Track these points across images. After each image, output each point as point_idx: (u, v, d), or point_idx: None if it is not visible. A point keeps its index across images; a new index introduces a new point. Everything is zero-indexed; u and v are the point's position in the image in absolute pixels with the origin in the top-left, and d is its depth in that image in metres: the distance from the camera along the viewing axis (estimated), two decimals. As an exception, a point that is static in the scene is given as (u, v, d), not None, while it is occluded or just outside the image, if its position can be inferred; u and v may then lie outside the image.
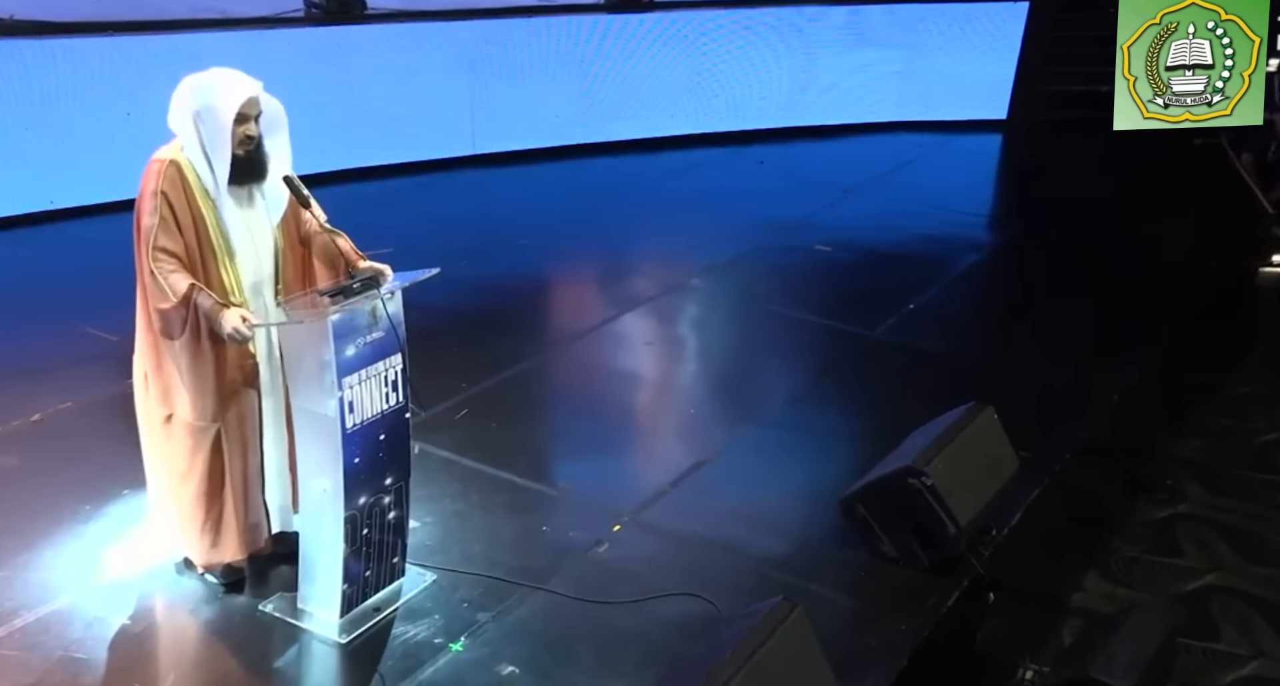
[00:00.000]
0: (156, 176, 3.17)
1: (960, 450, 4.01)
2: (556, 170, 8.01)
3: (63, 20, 6.44)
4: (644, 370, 5.32)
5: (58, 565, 3.62)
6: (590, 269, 6.40)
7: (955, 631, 3.91)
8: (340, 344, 3.14)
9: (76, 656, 3.24)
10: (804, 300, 6.11)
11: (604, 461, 4.45)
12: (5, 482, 4.02)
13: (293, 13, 7.29)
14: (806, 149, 8.86)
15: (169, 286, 3.11)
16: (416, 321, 5.31)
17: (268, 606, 3.48)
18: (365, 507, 3.34)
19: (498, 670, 3.33)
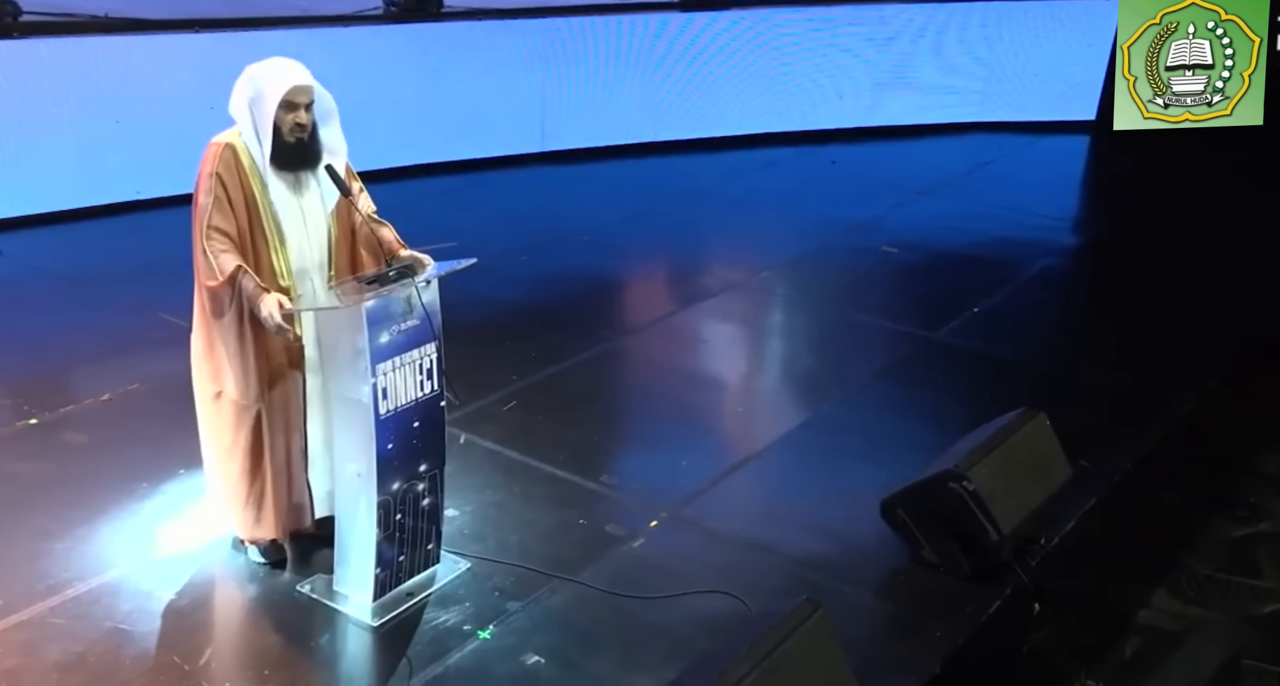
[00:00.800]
0: (213, 159, 3.29)
1: (1007, 455, 3.92)
2: (625, 168, 8.04)
3: (154, 18, 6.70)
4: (694, 367, 5.31)
5: (113, 539, 3.76)
6: (649, 266, 6.42)
7: (997, 640, 3.82)
8: (374, 331, 3.20)
9: (123, 628, 3.37)
10: (865, 301, 6.03)
11: (646, 457, 4.45)
12: (72, 458, 4.20)
13: (372, 10, 7.46)
14: (882, 149, 8.74)
15: (217, 265, 3.22)
16: (471, 314, 5.48)
17: (305, 587, 3.57)
18: (399, 493, 3.40)
19: (523, 659, 3.36)
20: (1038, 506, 3.95)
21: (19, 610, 3.41)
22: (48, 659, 3.23)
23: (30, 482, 4.01)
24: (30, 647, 3.27)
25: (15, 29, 6.38)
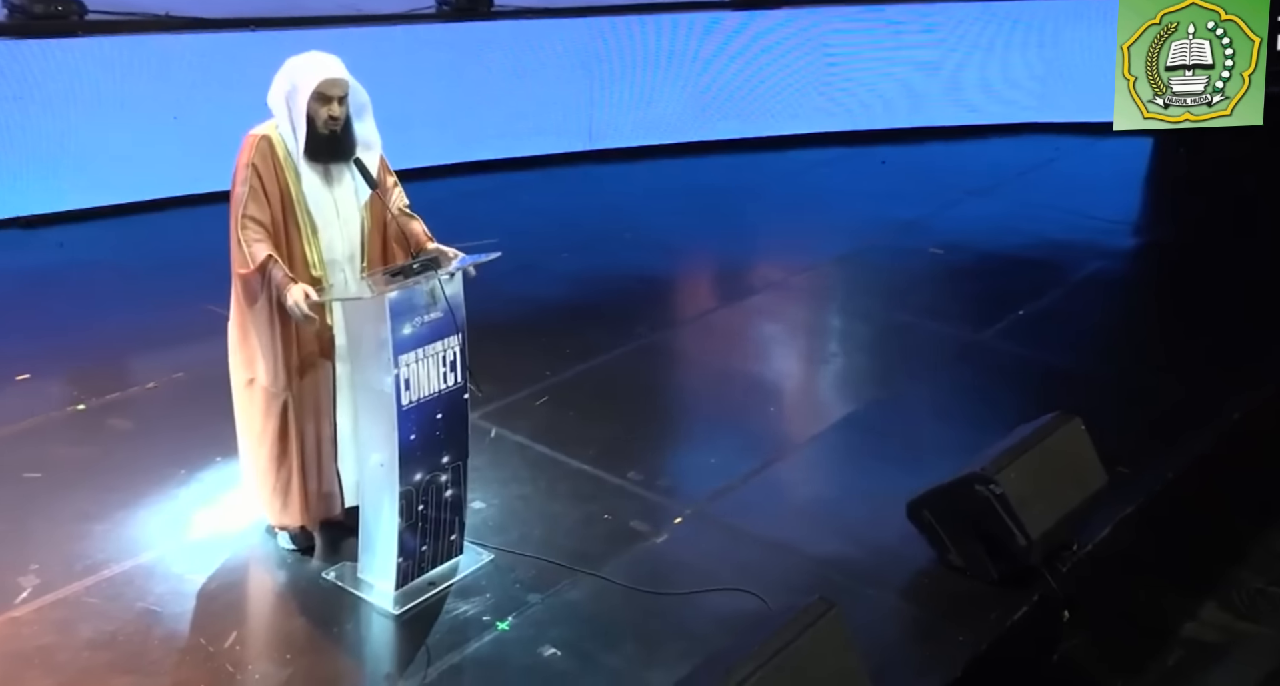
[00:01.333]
0: (250, 149, 3.37)
1: (1038, 459, 3.85)
2: (672, 167, 8.04)
3: (212, 16, 6.85)
4: (729, 366, 5.28)
5: (150, 522, 3.87)
6: (690, 265, 6.41)
7: (1024, 647, 3.75)
8: (397, 322, 3.25)
9: (154, 609, 3.46)
10: (909, 302, 5.97)
11: (675, 454, 4.46)
12: (116, 443, 4.33)
13: (425, 9, 7.56)
14: (935, 150, 8.62)
15: (250, 254, 3.30)
16: (508, 310, 5.54)
17: (331, 574, 3.63)
18: (421, 484, 3.45)
19: (540, 651, 3.39)
20: (1069, 512, 3.88)
21: (56, 588, 3.52)
22: (80, 636, 3.33)
23: (74, 465, 4.14)
24: (65, 625, 3.37)
25: (80, 27, 6.58)
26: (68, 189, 6.46)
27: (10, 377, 4.72)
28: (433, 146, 7.52)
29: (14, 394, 4.61)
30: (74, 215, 6.44)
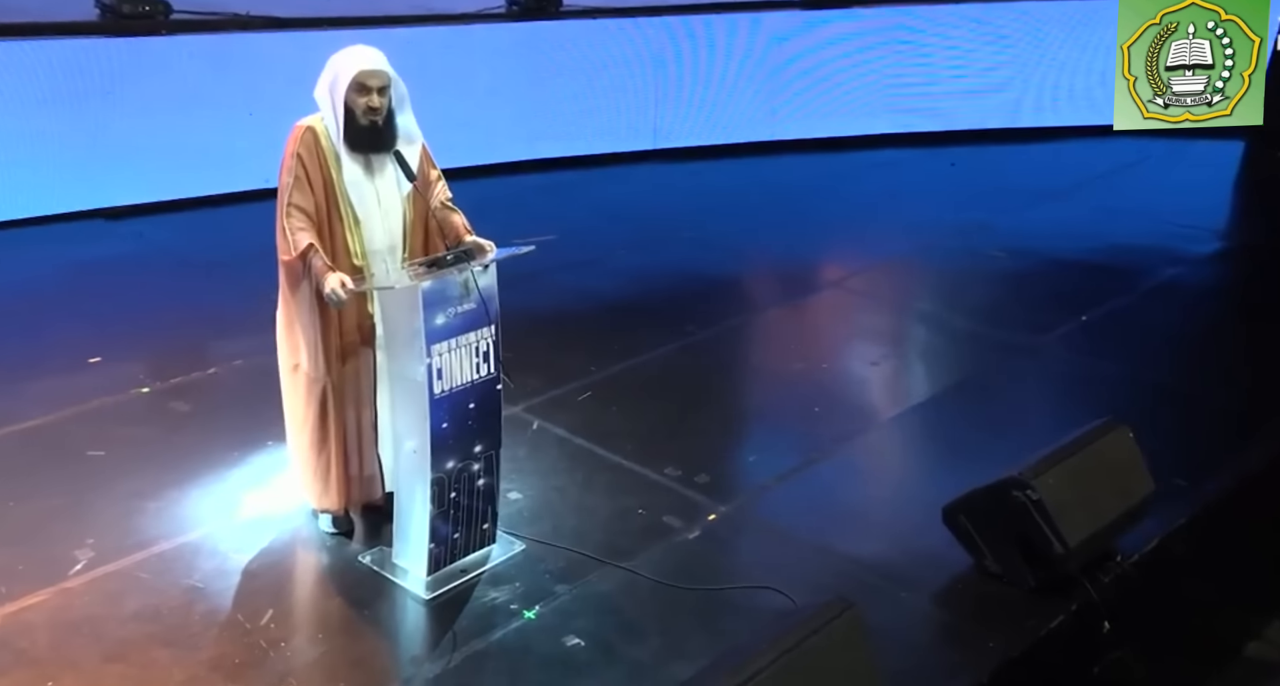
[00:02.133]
0: (295, 141, 3.48)
1: (1080, 466, 3.78)
2: (738, 167, 8.02)
3: (287, 16, 7.06)
4: (775, 365, 5.26)
5: (201, 502, 4.01)
6: (746, 264, 6.39)
7: (1060, 657, 3.68)
8: (430, 312, 3.32)
9: (198, 585, 3.59)
10: (966, 305, 5.88)
11: (714, 451, 4.46)
12: (175, 425, 4.49)
13: (495, 9, 7.68)
14: (1011, 152, 8.46)
15: (293, 241, 3.40)
16: (560, 305, 5.61)
17: (366, 558, 3.72)
18: (453, 472, 3.52)
19: (564, 641, 3.43)
20: (1112, 520, 3.80)
21: (109, 562, 3.67)
22: (127, 608, 3.47)
23: (134, 445, 4.31)
24: (114, 597, 3.52)
25: (165, 26, 6.83)
26: (149, 181, 6.71)
27: (83, 360, 4.93)
28: (501, 143, 7.64)
29: (85, 375, 4.81)
30: (154, 207, 6.69)
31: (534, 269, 5.96)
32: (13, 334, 5.21)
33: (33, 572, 3.60)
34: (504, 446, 4.33)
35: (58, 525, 3.84)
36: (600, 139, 7.91)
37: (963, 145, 8.50)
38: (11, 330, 5.24)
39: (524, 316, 5.44)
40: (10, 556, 3.67)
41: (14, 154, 6.37)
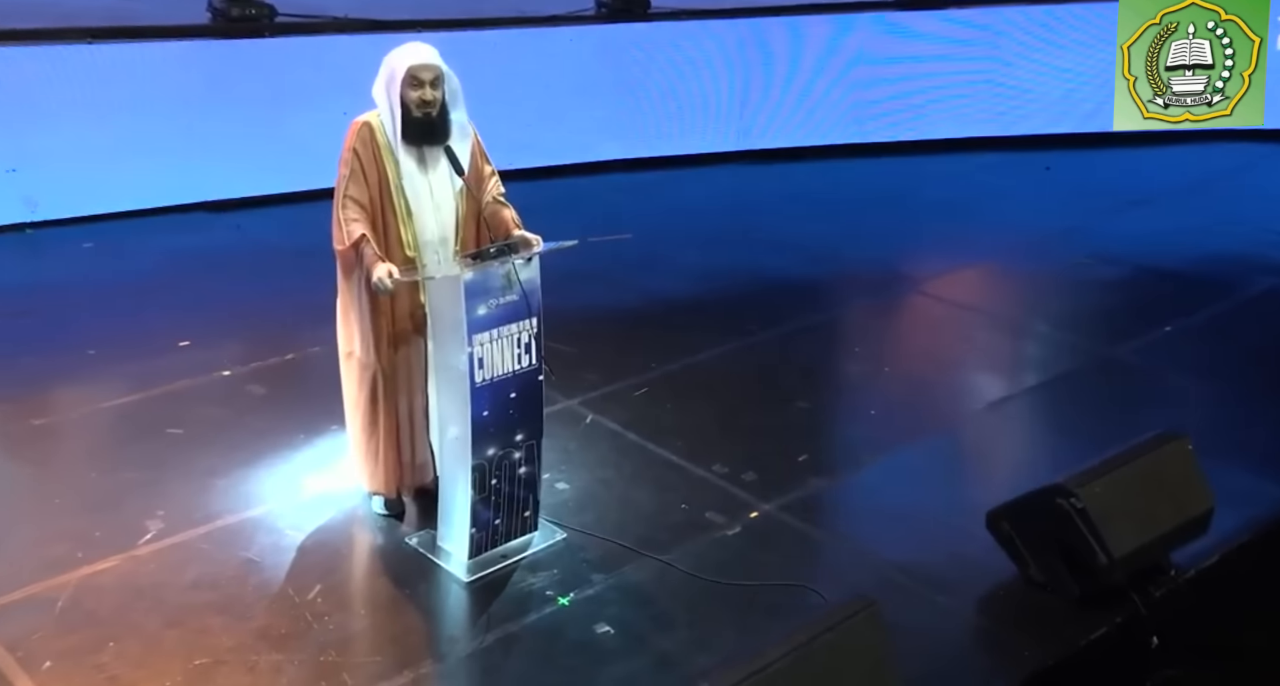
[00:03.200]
0: (353, 136, 3.63)
1: (1132, 477, 3.69)
2: (825, 169, 7.96)
3: (385, 18, 7.31)
4: (836, 367, 5.23)
5: (265, 481, 4.20)
6: (819, 266, 6.34)
7: (1101, 670, 3.59)
8: (472, 303, 3.43)
9: (254, 558, 3.78)
10: (1044, 311, 5.76)
11: (764, 450, 4.46)
12: (249, 407, 4.71)
13: (584, 11, 7.80)
14: (1110, 156, 8.17)
15: (347, 231, 3.55)
16: (626, 302, 5.69)
17: (413, 540, 3.86)
18: (494, 459, 3.62)
19: (595, 628, 3.51)
20: (1163, 533, 3.69)
21: (176, 533, 3.89)
22: (187, 577, 3.68)
23: (210, 425, 4.54)
24: (177, 566, 3.73)
25: (269, 28, 7.15)
26: (249, 176, 7.02)
27: (173, 344, 5.21)
28: (587, 143, 7.76)
29: (173, 358, 5.09)
30: (253, 201, 6.98)
31: (604, 267, 6.19)
32: (117, 317, 5.53)
33: (107, 539, 3.84)
34: (556, 438, 4.47)
35: (134, 496, 4.08)
36: (686, 140, 7.95)
37: (1060, 149, 8.26)
38: (116, 314, 5.57)
39: (590, 313, 5.60)
40: (89, 523, 3.93)
41: (128, 149, 6.74)
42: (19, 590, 3.60)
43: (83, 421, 4.62)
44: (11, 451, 4.43)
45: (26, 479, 4.27)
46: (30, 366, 4.99)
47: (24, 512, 4.01)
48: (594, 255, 6.36)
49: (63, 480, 4.24)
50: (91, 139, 6.63)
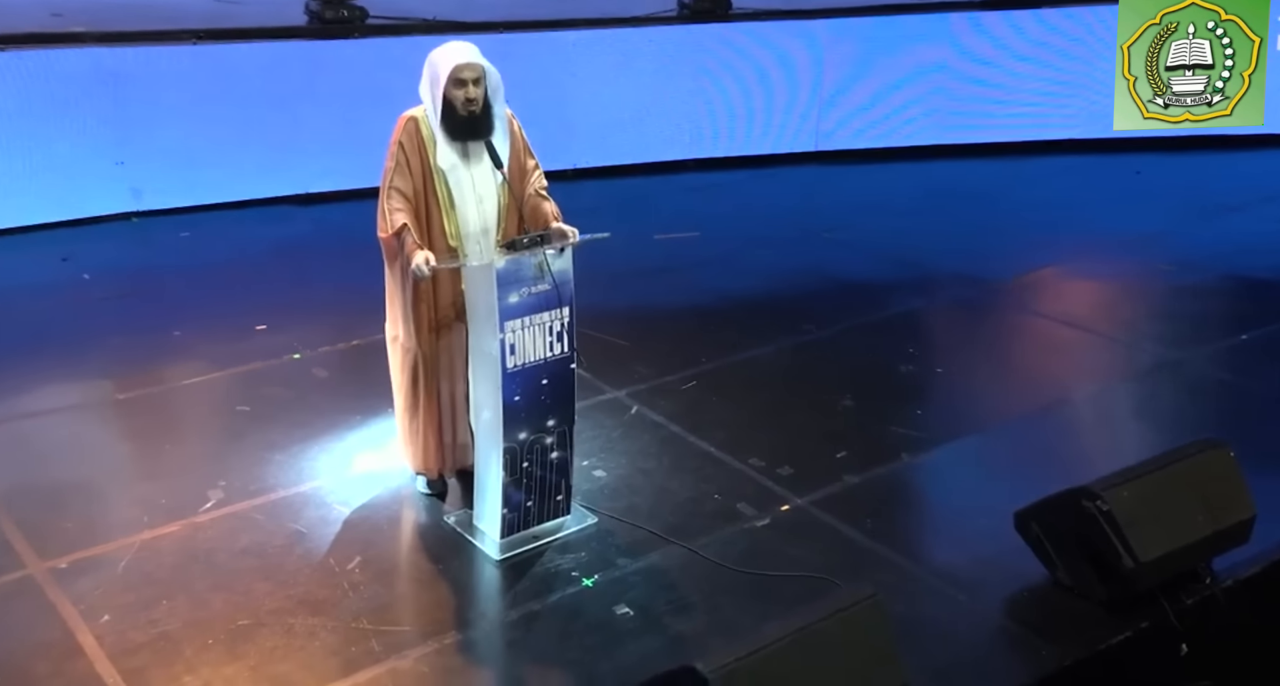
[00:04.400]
0: (399, 129, 3.80)
1: (1165, 482, 3.63)
2: (903, 171, 7.91)
3: (472, 20, 7.54)
4: (888, 368, 5.20)
5: (319, 457, 4.41)
6: (885, 267, 6.32)
7: (1124, 674, 3.53)
8: (504, 290, 3.56)
9: (301, 529, 3.99)
10: (1116, 316, 5.70)
11: (803, 447, 4.50)
12: (313, 389, 4.95)
13: (666, 12, 7.91)
14: (1206, 161, 7.94)
15: (390, 220, 3.71)
16: (687, 299, 5.77)
17: (451, 518, 4.02)
18: (525, 443, 3.75)
19: (615, 609, 3.61)
20: (1196, 541, 3.61)
21: (233, 503, 4.13)
22: (239, 544, 3.90)
23: (275, 403, 4.79)
24: (231, 533, 3.96)
25: (361, 30, 7.44)
26: (336, 171, 7.31)
27: (251, 328, 5.49)
28: (667, 143, 7.86)
29: (250, 341, 5.37)
30: (338, 195, 7.27)
31: (671, 264, 6.30)
32: (203, 302, 5.85)
33: (171, 506, 4.10)
34: (600, 427, 4.61)
35: (199, 467, 4.34)
36: (763, 140, 8.00)
37: (1152, 152, 8.04)
38: (202, 299, 5.90)
39: (651, 309, 5.72)
40: (157, 490, 4.20)
41: (225, 144, 7.11)
42: (89, 549, 3.88)
43: (162, 396, 4.92)
44: (96, 423, 4.75)
45: (106, 448, 4.59)
46: (121, 345, 5.33)
47: (101, 479, 4.31)
48: (662, 253, 6.53)
49: (138, 450, 4.55)
50: (193, 135, 7.01)
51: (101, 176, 6.86)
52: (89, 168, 6.81)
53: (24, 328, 5.49)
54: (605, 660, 3.39)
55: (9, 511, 4.05)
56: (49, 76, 6.67)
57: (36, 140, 6.63)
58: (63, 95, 6.70)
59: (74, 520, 4.01)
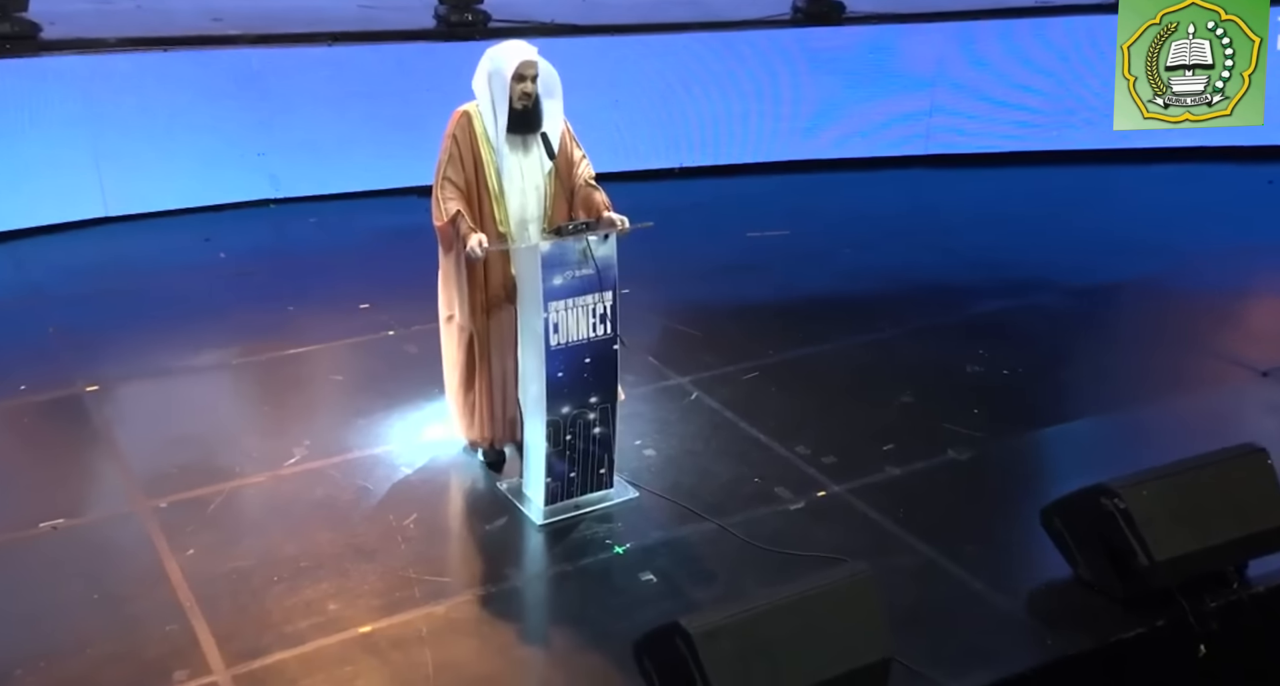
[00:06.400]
0: (453, 123, 4.10)
1: (1192, 484, 3.63)
2: (1016, 175, 7.82)
3: (585, 23, 7.86)
4: (953, 368, 5.23)
5: (395, 424, 4.77)
6: (973, 270, 6.29)
7: (1136, 671, 3.54)
8: (548, 273, 3.83)
9: (368, 486, 4.36)
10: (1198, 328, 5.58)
11: (851, 438, 4.62)
12: (401, 363, 5.30)
13: (779, 16, 8.05)
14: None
15: (444, 209, 4.02)
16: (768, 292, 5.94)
17: (502, 485, 4.32)
18: (568, 417, 4.01)
19: (640, 575, 3.85)
20: (1220, 544, 3.60)
21: (314, 460, 4.53)
22: (313, 497, 4.30)
23: (366, 374, 5.20)
24: (307, 486, 4.36)
25: (482, 33, 7.86)
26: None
27: (355, 306, 5.94)
28: (773, 143, 8.00)
29: (352, 317, 5.80)
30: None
31: (759, 261, 6.45)
32: (318, 281, 6.33)
33: (261, 459, 4.53)
34: (657, 409, 4.84)
35: (290, 427, 4.77)
36: (872, 143, 8.04)
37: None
38: (317, 278, 6.38)
39: (730, 301, 5.92)
40: (251, 445, 4.65)
41: (357, 138, 7.63)
42: (187, 491, 4.33)
43: (270, 364, 5.39)
44: (212, 383, 5.27)
45: (216, 406, 5.08)
46: (240, 317, 5.84)
47: (206, 432, 4.77)
48: (752, 250, 6.69)
49: (242, 409, 5.05)
50: (327, 128, 7.55)
51: (244, 166, 7.45)
52: (233, 158, 7.40)
53: (166, 298, 6.08)
54: (623, 619, 3.61)
55: (130, 456, 4.57)
56: (205, 74, 7.28)
57: (191, 132, 7.24)
58: (215, 91, 7.30)
59: (179, 466, 4.48)
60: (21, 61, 6.69)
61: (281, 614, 3.69)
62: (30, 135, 6.64)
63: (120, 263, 6.46)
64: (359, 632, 3.60)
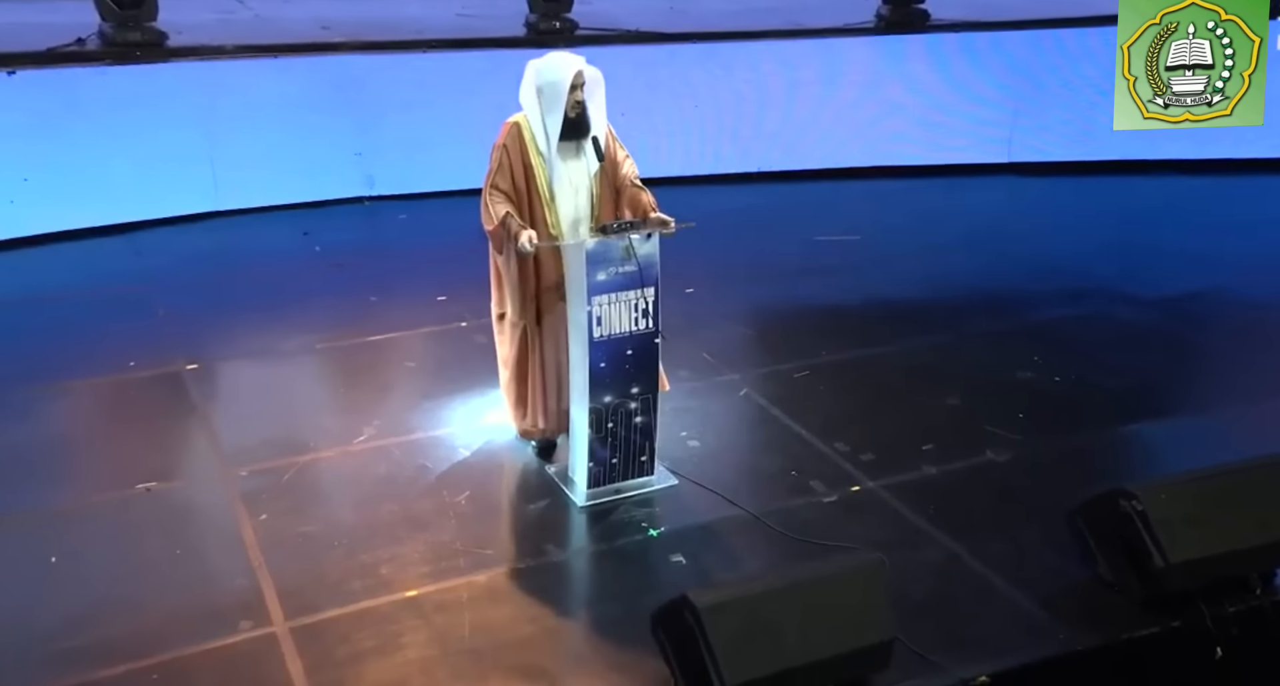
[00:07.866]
0: (504, 134, 4.33)
1: (1215, 488, 3.68)
2: (1101, 185, 7.76)
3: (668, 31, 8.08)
4: (1003, 373, 5.29)
5: (458, 408, 5.05)
6: (1038, 278, 6.31)
7: (1149, 671, 3.59)
8: (593, 268, 4.05)
9: (427, 465, 4.65)
10: (1255, 342, 5.45)
11: (892, 437, 4.74)
12: (468, 352, 5.50)
13: (863, 23, 8.15)
14: None
15: (494, 213, 4.27)
16: (837, 295, 6.11)
17: (550, 469, 4.56)
18: (610, 406, 4.23)
19: (670, 557, 4.05)
20: (1240, 549, 3.63)
21: (382, 438, 4.84)
22: (375, 472, 4.61)
23: (436, 362, 5.51)
24: (369, 463, 4.67)
25: (568, 40, 8.15)
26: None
27: (433, 298, 6.26)
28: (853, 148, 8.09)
29: (429, 308, 6.12)
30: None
31: (829, 264, 6.58)
32: (400, 274, 6.67)
33: (334, 435, 4.87)
34: (706, 403, 5.03)
35: (362, 408, 5.10)
36: (953, 150, 8.07)
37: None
38: (400, 271, 6.72)
39: (792, 302, 6.07)
40: (327, 423, 4.98)
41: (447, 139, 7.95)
42: (266, 462, 4.68)
43: (349, 349, 5.74)
44: (296, 365, 5.62)
45: (297, 386, 5.44)
46: (327, 305, 6.22)
47: (287, 410, 5.13)
48: (822, 254, 6.82)
49: (319, 390, 5.39)
50: (419, 130, 7.93)
51: (342, 165, 7.87)
52: (333, 157, 7.82)
53: (263, 286, 6.50)
54: (648, 596, 3.79)
55: (220, 429, 4.95)
56: (311, 79, 7.74)
57: (295, 133, 7.70)
58: (320, 95, 7.75)
59: (261, 439, 4.85)
60: (150, 67, 7.23)
61: (339, 575, 4.00)
62: (153, 134, 7.15)
63: (225, 252, 6.94)
64: (406, 596, 3.89)
